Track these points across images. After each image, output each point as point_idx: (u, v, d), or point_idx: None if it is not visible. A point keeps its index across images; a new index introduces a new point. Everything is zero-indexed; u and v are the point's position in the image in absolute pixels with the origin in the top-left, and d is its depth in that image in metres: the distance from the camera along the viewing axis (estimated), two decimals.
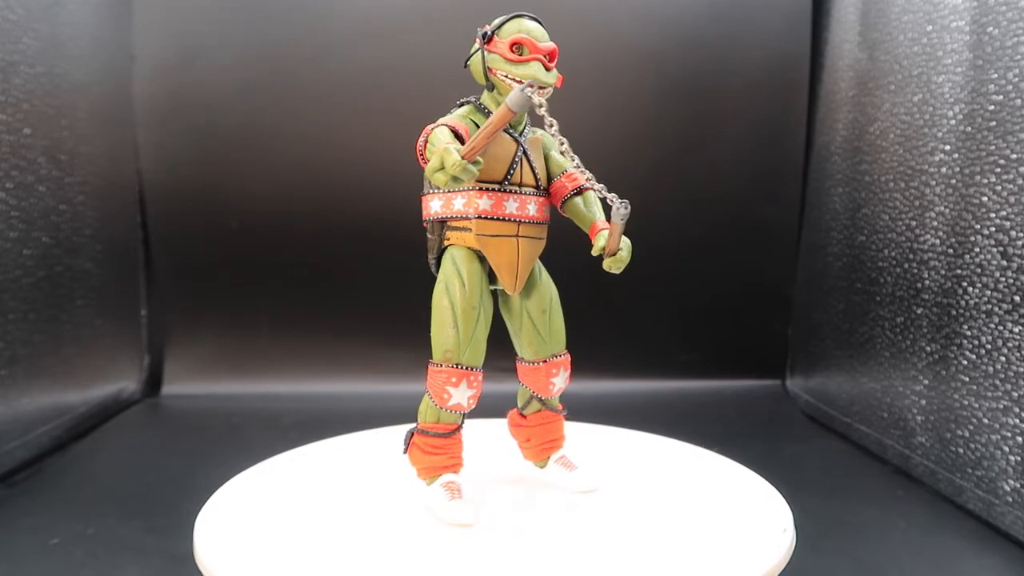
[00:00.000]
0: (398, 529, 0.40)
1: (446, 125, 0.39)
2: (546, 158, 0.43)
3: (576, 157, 0.38)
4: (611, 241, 0.39)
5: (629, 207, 0.37)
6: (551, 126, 0.37)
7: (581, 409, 0.75)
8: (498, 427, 0.55)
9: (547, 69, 0.40)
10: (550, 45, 0.40)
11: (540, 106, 0.37)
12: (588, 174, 0.38)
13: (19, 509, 0.52)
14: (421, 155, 0.39)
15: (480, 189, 0.40)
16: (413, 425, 0.43)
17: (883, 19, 0.66)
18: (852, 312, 0.70)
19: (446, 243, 0.42)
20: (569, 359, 0.45)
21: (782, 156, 0.85)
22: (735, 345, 0.89)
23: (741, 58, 0.84)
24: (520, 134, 0.42)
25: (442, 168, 0.35)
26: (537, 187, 0.42)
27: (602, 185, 0.38)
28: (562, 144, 0.38)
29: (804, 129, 0.84)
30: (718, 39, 0.84)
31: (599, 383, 0.86)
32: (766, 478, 0.47)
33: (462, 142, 0.38)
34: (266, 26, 0.82)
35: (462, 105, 0.42)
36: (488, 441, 0.51)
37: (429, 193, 0.42)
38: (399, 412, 0.64)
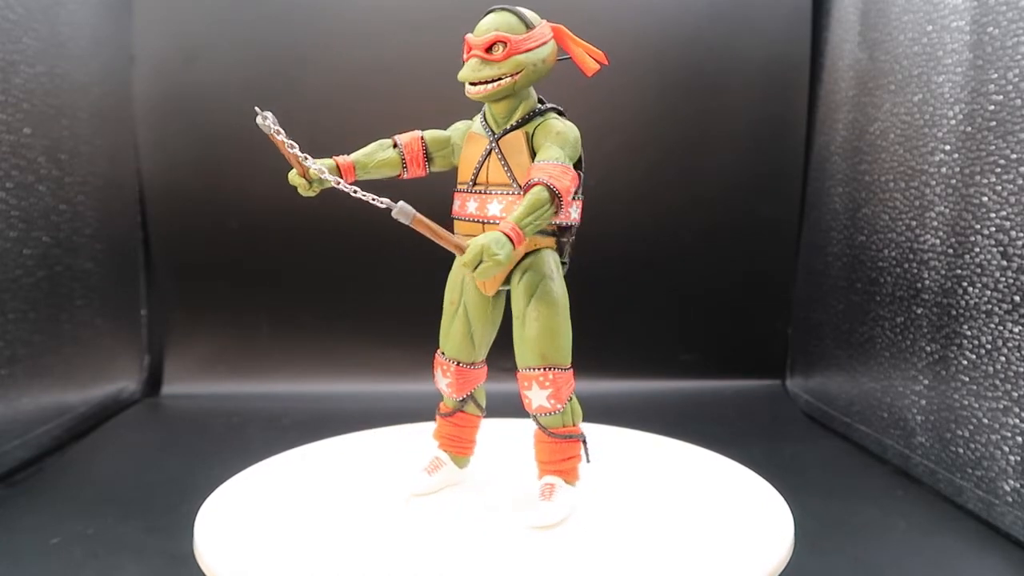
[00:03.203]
0: (398, 529, 0.40)
1: (394, 137, 0.43)
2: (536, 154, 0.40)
3: (319, 166, 0.39)
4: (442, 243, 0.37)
5: (393, 206, 0.35)
6: (278, 133, 0.39)
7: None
8: (505, 427, 0.55)
9: (489, 62, 0.39)
10: (486, 37, 0.39)
11: (273, 124, 0.39)
12: (321, 172, 0.39)
13: (19, 509, 0.52)
14: None
15: (455, 191, 0.43)
16: None
17: (883, 19, 0.66)
18: (852, 312, 0.70)
19: None
20: (547, 378, 0.40)
21: (782, 156, 0.85)
22: (735, 345, 0.88)
23: (741, 58, 0.84)
24: (497, 132, 0.41)
25: None
26: (513, 185, 0.40)
27: (383, 200, 0.36)
28: (292, 147, 0.39)
29: (804, 129, 0.84)
30: (718, 39, 0.84)
31: (599, 383, 0.86)
32: (766, 478, 0.47)
33: (402, 157, 0.43)
34: (266, 26, 0.82)
35: None
36: (494, 440, 0.51)
37: None
38: (399, 412, 0.64)
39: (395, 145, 0.43)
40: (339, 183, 0.39)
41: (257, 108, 0.39)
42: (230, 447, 0.65)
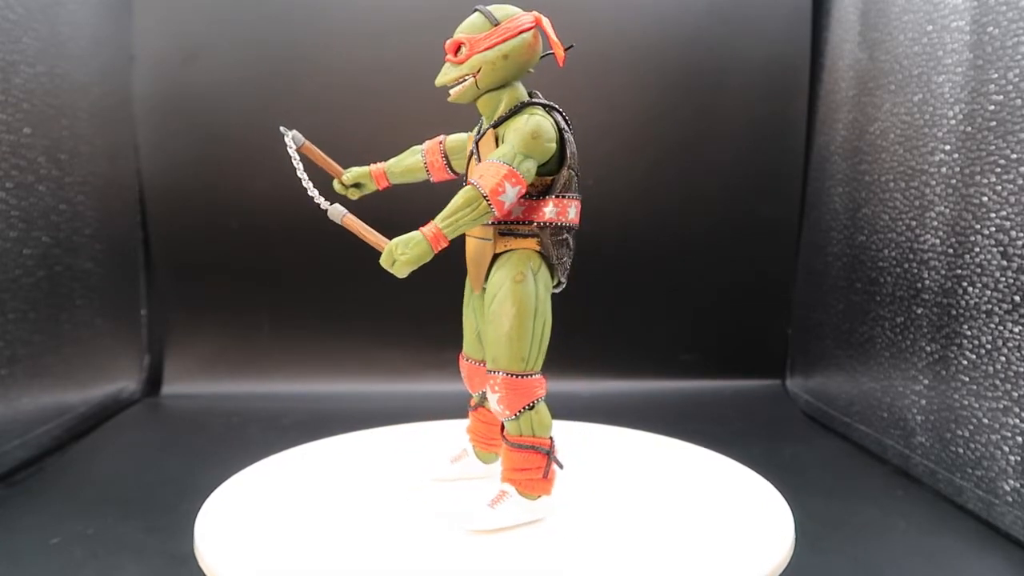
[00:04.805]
0: (397, 528, 0.40)
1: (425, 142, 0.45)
2: None
3: (308, 182, 0.41)
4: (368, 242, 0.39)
5: (328, 207, 0.39)
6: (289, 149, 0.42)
7: (581, 409, 0.75)
8: None
9: (455, 64, 0.40)
10: (451, 40, 0.40)
11: (292, 143, 0.43)
12: (313, 192, 0.41)
13: (19, 509, 0.52)
14: None
15: None
16: None
17: (883, 19, 0.66)
18: (852, 312, 0.70)
19: None
20: (496, 381, 0.39)
21: (782, 156, 0.85)
22: (735, 345, 0.89)
23: (741, 58, 0.84)
24: (480, 131, 0.41)
25: None
26: None
27: (324, 203, 0.40)
28: (297, 162, 0.42)
29: (804, 129, 0.84)
30: (718, 39, 0.84)
31: (599, 383, 0.86)
32: (766, 478, 0.47)
33: (425, 162, 0.45)
34: (266, 26, 0.82)
35: None
36: None
37: None
38: (399, 412, 0.64)
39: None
40: (309, 188, 0.41)
41: (282, 128, 0.42)
42: (230, 447, 0.65)
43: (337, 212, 0.39)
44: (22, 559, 0.45)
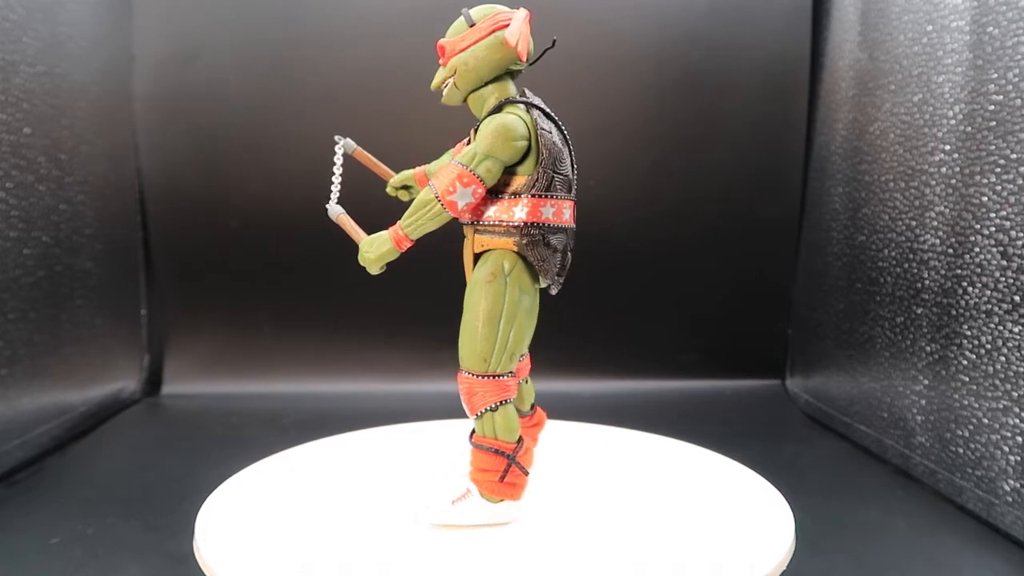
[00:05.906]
0: (396, 527, 0.40)
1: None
2: None
3: (337, 186, 0.43)
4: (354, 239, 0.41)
5: (329, 206, 0.42)
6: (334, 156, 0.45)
7: (581, 409, 0.75)
8: (558, 429, 0.55)
9: (441, 68, 0.41)
10: (440, 43, 0.40)
11: (340, 150, 0.45)
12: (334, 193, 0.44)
13: (19, 509, 0.52)
14: None
15: None
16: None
17: (883, 19, 0.66)
18: (852, 312, 0.70)
19: None
20: (461, 378, 0.40)
21: (782, 156, 0.85)
22: (735, 345, 0.89)
23: (741, 58, 0.84)
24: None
25: None
26: None
27: (330, 203, 0.43)
28: (337, 167, 0.44)
29: (804, 129, 0.84)
30: (718, 39, 0.84)
31: (599, 383, 0.86)
32: (766, 478, 0.47)
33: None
34: (266, 26, 0.82)
35: None
36: (544, 442, 0.51)
37: None
38: (399, 412, 0.64)
39: None
40: (334, 190, 0.43)
41: (336, 136, 0.45)
42: (230, 447, 0.65)
43: (334, 211, 0.41)
44: (22, 559, 0.45)
